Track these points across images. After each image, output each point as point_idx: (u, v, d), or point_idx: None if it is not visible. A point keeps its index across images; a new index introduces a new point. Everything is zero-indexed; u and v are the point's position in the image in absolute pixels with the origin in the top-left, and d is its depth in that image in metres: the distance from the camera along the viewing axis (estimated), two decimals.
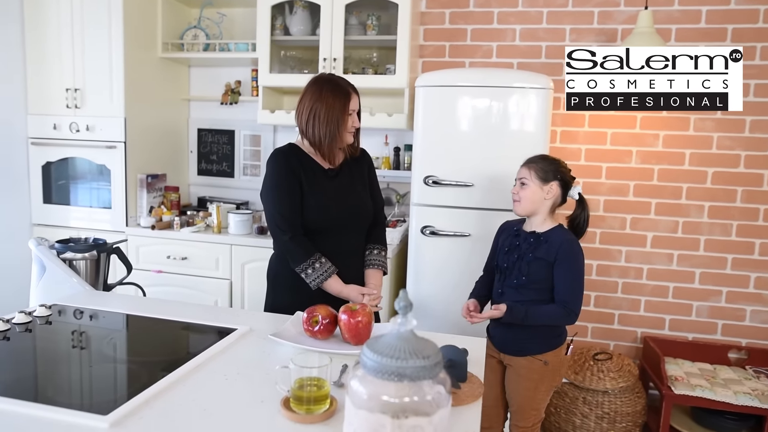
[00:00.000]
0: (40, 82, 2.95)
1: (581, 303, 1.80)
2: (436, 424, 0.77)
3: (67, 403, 0.97)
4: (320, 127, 1.78)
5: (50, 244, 1.89)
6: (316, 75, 1.87)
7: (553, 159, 1.87)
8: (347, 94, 1.81)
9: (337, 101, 1.79)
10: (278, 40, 2.98)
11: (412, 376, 0.75)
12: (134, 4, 2.86)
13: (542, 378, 1.85)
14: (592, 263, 3.00)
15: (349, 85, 1.85)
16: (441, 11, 3.03)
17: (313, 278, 1.73)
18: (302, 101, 1.81)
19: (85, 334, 1.40)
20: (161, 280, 2.89)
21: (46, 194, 3.04)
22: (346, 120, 1.81)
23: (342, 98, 1.80)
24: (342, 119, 1.79)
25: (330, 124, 1.78)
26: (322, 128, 1.78)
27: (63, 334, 1.38)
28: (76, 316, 1.49)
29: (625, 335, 3.01)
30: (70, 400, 0.99)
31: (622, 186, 2.93)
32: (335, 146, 1.82)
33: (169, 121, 3.26)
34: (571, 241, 1.81)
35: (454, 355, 1.13)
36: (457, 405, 1.04)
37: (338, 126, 1.79)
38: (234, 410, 1.01)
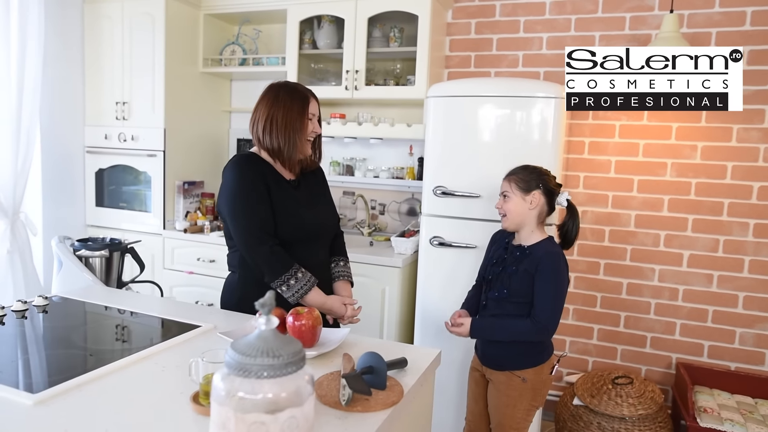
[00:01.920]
0: (95, 97, 3.26)
1: (557, 319, 1.72)
2: (282, 423, 0.78)
3: (5, 380, 1.08)
4: (278, 132, 1.67)
5: (71, 243, 2.08)
6: (272, 82, 1.78)
7: (534, 168, 1.82)
8: (305, 98, 1.72)
9: (295, 104, 1.69)
10: (306, 53, 3.10)
11: (258, 374, 0.78)
12: (177, 24, 3.09)
13: (521, 395, 1.78)
14: (621, 281, 2.83)
15: (307, 90, 1.76)
16: (467, 21, 3.02)
17: (295, 290, 1.62)
18: (257, 109, 1.72)
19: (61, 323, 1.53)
20: (192, 280, 3.07)
21: (98, 198, 3.34)
22: (306, 124, 1.70)
23: (299, 101, 1.70)
24: (301, 123, 1.69)
25: (288, 129, 1.67)
26: (281, 134, 1.67)
27: (46, 322, 1.52)
28: (68, 308, 1.64)
29: (658, 360, 2.81)
30: (9, 378, 1.10)
31: (655, 200, 2.75)
32: (295, 153, 1.70)
33: (210, 131, 3.47)
34: (553, 254, 1.74)
35: (374, 363, 1.13)
36: (364, 411, 1.04)
37: (298, 131, 1.69)
38: (153, 400, 1.08)
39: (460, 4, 3.01)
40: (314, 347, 1.35)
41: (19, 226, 2.79)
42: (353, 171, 3.27)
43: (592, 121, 2.82)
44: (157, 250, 3.15)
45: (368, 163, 3.26)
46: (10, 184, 2.75)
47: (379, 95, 2.91)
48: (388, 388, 1.13)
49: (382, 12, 2.83)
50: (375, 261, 2.65)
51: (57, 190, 3.19)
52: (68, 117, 3.23)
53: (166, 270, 3.14)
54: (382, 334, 2.69)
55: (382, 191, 3.26)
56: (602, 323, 2.89)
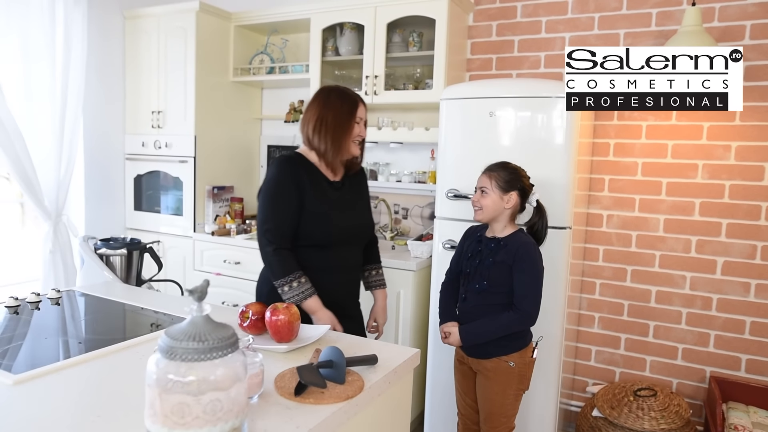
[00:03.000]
0: (134, 107, 3.45)
1: (538, 304, 1.78)
2: (204, 405, 0.81)
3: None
4: (327, 133, 1.76)
5: (95, 242, 2.21)
6: (323, 86, 1.89)
7: (514, 168, 1.86)
8: (354, 101, 1.81)
9: (345, 107, 1.78)
10: (329, 60, 3.16)
11: (182, 356, 0.81)
12: (208, 36, 3.24)
13: (509, 381, 1.83)
14: (650, 289, 2.70)
15: (356, 94, 1.84)
16: (488, 24, 2.99)
17: (288, 296, 1.69)
18: (309, 110, 1.81)
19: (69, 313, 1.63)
20: (220, 281, 3.18)
21: (137, 202, 3.52)
22: (353, 127, 1.79)
23: (349, 104, 1.79)
24: (349, 125, 1.78)
25: (337, 130, 1.76)
26: (329, 134, 1.76)
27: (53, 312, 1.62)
28: (76, 300, 1.74)
29: (690, 373, 2.65)
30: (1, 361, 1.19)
31: (685, 204, 2.61)
32: (341, 155, 1.79)
33: (241, 137, 3.59)
34: (528, 244, 1.80)
35: (334, 357, 1.14)
36: (315, 403, 1.05)
37: (346, 132, 1.77)
38: (123, 385, 1.13)
39: (481, 7, 2.99)
40: (292, 342, 1.37)
41: (61, 228, 2.99)
42: (377, 175, 3.30)
43: (618, 122, 2.71)
44: (188, 252, 3.29)
45: (391, 168, 3.28)
46: (54, 189, 2.95)
47: (398, 99, 2.93)
48: (348, 383, 1.13)
49: (401, 17, 2.85)
50: (390, 264, 2.65)
51: (99, 194, 3.39)
52: (110, 126, 3.43)
53: (195, 271, 3.27)
54: (397, 337, 2.68)
55: (405, 195, 3.26)
56: (630, 332, 2.76)
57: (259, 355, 1.08)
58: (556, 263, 2.25)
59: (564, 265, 2.28)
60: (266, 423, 0.97)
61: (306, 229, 1.76)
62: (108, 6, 3.32)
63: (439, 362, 2.48)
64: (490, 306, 1.82)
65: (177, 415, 0.81)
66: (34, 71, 2.87)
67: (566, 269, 2.29)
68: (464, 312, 1.89)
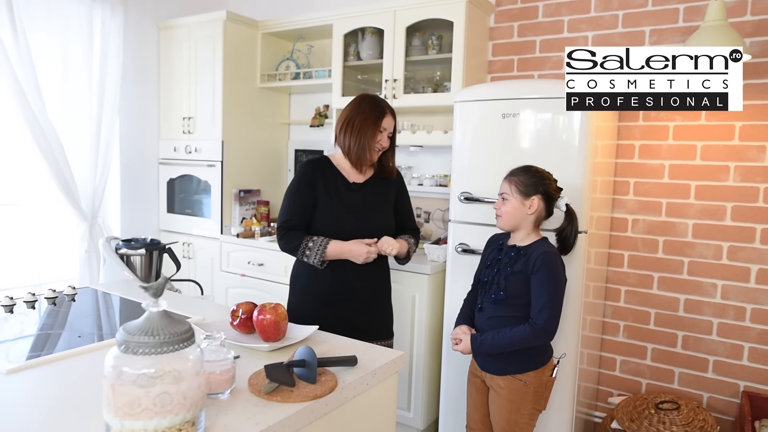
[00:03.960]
0: (167, 113, 3.60)
1: (556, 320, 1.67)
2: (153, 397, 0.83)
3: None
4: (352, 135, 1.92)
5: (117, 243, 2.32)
6: (361, 93, 2.06)
7: (536, 171, 1.75)
8: (383, 111, 1.94)
9: (372, 114, 1.93)
10: (351, 65, 3.19)
11: (134, 350, 0.84)
12: (236, 44, 3.34)
13: (524, 400, 1.73)
14: (678, 297, 2.57)
15: (388, 107, 1.98)
16: (509, 25, 2.94)
17: (314, 255, 1.87)
18: (343, 111, 1.98)
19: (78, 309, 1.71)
20: (244, 282, 3.26)
21: (169, 205, 3.66)
22: (377, 135, 1.92)
23: (377, 112, 1.93)
24: (373, 131, 1.92)
25: (361, 133, 1.91)
26: (354, 137, 1.92)
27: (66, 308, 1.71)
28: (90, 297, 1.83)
29: (722, 387, 2.51)
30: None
31: (716, 208, 2.48)
32: (363, 157, 1.93)
33: (269, 142, 3.68)
34: (549, 253, 1.69)
35: (306, 356, 1.15)
36: (283, 402, 1.06)
37: (368, 137, 1.91)
38: None
39: (502, 8, 2.95)
40: (279, 341, 1.39)
41: (96, 229, 3.15)
42: None
43: (643, 123, 2.61)
44: (215, 253, 3.39)
45: (413, 171, 3.27)
46: (90, 193, 3.12)
47: (416, 103, 2.93)
48: (320, 383, 1.14)
49: (419, 21, 2.85)
50: (405, 267, 2.64)
51: (134, 197, 3.55)
52: (145, 132, 3.59)
53: (222, 272, 3.37)
54: (412, 341, 2.67)
55: (427, 199, 3.25)
56: (657, 342, 2.64)
57: (231, 352, 1.11)
58: (571, 268, 2.18)
59: (580, 270, 2.21)
60: (228, 418, 0.99)
61: (316, 227, 1.94)
62: (143, 18, 3.48)
63: (454, 369, 2.44)
64: (506, 318, 1.72)
65: (128, 406, 0.84)
66: (73, 81, 3.04)
67: (582, 274, 2.22)
68: (480, 323, 1.82)
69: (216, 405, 1.04)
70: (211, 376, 1.06)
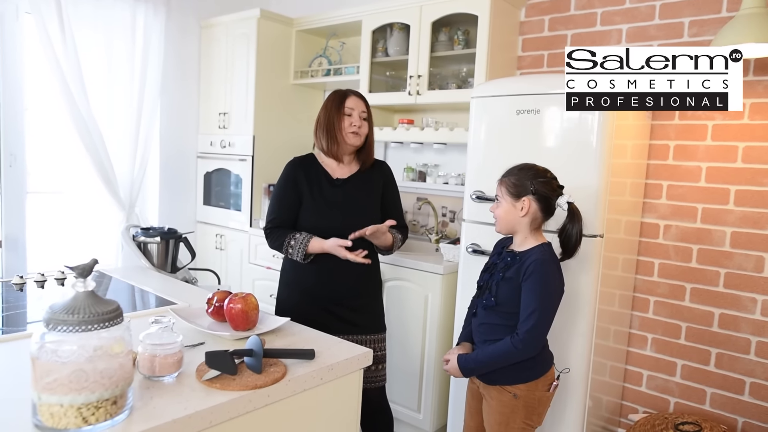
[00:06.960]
0: (206, 108, 3.73)
1: (540, 333, 1.56)
2: (69, 374, 0.85)
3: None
4: (322, 130, 1.94)
5: (136, 231, 2.43)
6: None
7: (530, 169, 1.65)
8: (344, 94, 1.94)
9: (335, 101, 1.93)
10: (379, 61, 3.18)
11: (55, 327, 0.87)
12: (270, 41, 3.41)
13: (513, 413, 1.63)
14: (712, 311, 2.37)
15: (352, 91, 1.97)
16: (540, 18, 2.83)
17: (297, 255, 1.89)
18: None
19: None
20: (269, 275, 3.32)
21: (206, 197, 3.80)
22: (343, 119, 1.91)
23: (338, 99, 1.93)
24: (338, 118, 1.90)
25: (328, 125, 1.92)
26: (323, 131, 1.93)
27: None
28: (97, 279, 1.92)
29: (759, 412, 2.29)
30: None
31: (758, 216, 2.27)
32: (338, 147, 1.93)
33: (302, 138, 3.72)
34: (542, 261, 1.57)
35: (253, 346, 1.15)
36: (221, 389, 1.06)
37: (335, 126, 1.90)
38: None
39: (533, 1, 2.84)
40: (249, 330, 1.40)
41: (133, 219, 3.31)
42: (425, 177, 3.25)
43: (679, 122, 2.43)
44: (245, 245, 3.48)
45: (439, 170, 3.22)
46: (128, 183, 3.28)
47: (440, 99, 2.87)
48: (266, 374, 1.13)
49: (445, 15, 2.79)
50: (417, 267, 2.61)
51: (173, 189, 3.70)
52: (185, 127, 3.74)
53: (250, 264, 3.45)
54: (424, 341, 2.62)
55: (452, 198, 3.18)
56: (687, 359, 2.45)
57: (180, 336, 1.12)
58: (584, 273, 2.06)
59: (594, 276, 2.08)
60: (160, 401, 1.00)
61: (301, 223, 1.96)
62: (185, 16, 3.62)
63: None
64: (497, 326, 1.64)
65: (46, 381, 0.86)
66: (116, 77, 3.21)
67: (596, 280, 2.09)
68: (474, 328, 1.75)
69: (157, 387, 1.06)
70: (155, 359, 1.08)
